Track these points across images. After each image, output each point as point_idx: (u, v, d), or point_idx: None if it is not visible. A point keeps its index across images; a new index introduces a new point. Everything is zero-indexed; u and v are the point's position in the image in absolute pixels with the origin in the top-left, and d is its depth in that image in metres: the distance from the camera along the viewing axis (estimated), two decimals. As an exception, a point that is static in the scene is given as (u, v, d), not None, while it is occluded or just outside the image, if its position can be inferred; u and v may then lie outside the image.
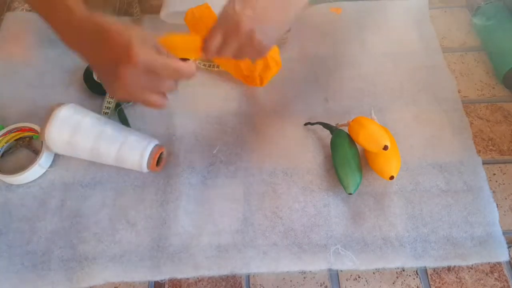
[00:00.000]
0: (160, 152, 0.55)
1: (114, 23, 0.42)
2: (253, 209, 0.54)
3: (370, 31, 0.72)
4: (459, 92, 0.65)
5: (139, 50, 0.40)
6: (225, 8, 0.45)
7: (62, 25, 0.44)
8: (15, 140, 0.59)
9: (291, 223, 0.53)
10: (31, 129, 0.59)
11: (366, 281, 0.51)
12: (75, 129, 0.53)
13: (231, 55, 0.47)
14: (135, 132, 0.56)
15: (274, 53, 0.60)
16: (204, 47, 0.47)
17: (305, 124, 0.61)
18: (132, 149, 0.54)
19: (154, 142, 0.55)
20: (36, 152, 0.58)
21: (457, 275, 0.51)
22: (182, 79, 0.45)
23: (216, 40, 0.46)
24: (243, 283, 0.51)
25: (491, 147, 0.60)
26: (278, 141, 0.60)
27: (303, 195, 0.55)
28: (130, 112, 0.63)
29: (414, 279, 0.51)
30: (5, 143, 0.58)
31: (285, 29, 0.49)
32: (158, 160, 0.55)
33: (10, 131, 0.58)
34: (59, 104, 0.54)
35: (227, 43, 0.46)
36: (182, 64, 0.43)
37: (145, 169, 0.54)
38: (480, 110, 0.64)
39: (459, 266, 0.51)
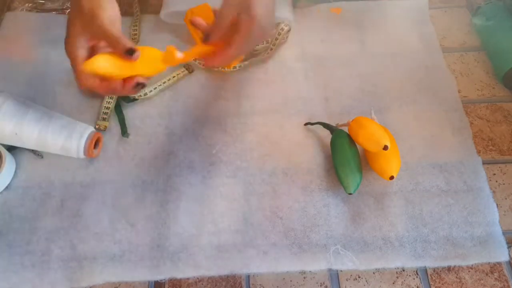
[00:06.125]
0: (96, 137, 0.57)
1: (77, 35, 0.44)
2: (253, 209, 0.54)
3: (370, 31, 0.72)
4: (459, 92, 0.65)
5: (83, 80, 0.45)
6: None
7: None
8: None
9: (291, 223, 0.53)
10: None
11: (366, 281, 0.51)
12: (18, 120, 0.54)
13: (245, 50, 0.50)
14: (65, 118, 0.57)
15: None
16: (213, 28, 0.48)
17: (305, 124, 0.61)
18: (71, 134, 0.55)
19: (90, 128, 0.57)
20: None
21: (457, 275, 0.51)
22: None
23: (226, 25, 0.47)
24: (243, 283, 0.51)
25: (491, 147, 0.60)
26: (278, 141, 0.60)
27: (303, 195, 0.55)
28: (129, 112, 0.63)
29: (414, 279, 0.51)
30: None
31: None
32: (95, 145, 0.57)
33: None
34: None
35: (246, 39, 0.48)
36: (117, 86, 0.45)
37: (81, 154, 0.56)
38: (480, 110, 0.64)
39: (459, 266, 0.51)
